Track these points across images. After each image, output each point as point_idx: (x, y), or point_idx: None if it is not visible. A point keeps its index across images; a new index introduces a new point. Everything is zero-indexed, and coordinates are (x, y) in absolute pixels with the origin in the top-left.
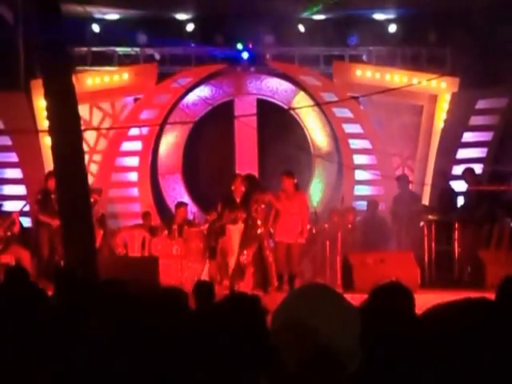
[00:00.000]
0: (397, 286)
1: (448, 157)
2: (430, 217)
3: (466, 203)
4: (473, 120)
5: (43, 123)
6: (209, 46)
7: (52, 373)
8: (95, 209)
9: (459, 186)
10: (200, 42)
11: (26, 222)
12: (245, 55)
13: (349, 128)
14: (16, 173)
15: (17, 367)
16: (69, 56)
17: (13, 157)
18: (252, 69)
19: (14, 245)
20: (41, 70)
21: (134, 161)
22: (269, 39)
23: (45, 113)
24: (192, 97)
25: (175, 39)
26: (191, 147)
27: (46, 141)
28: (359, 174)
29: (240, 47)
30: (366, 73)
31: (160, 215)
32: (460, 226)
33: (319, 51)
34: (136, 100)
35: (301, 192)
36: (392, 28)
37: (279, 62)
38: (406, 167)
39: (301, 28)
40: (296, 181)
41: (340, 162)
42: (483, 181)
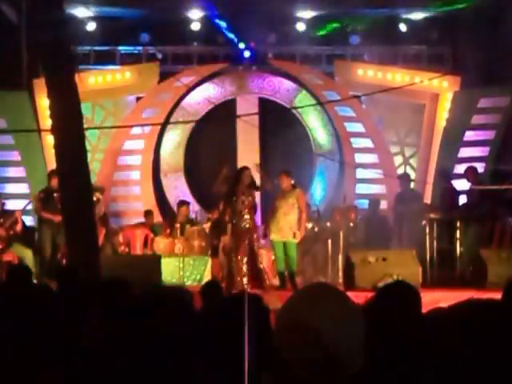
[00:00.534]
0: (404, 285)
1: (450, 155)
2: (432, 215)
3: (468, 202)
4: (475, 119)
5: (46, 122)
6: (211, 45)
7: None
8: (97, 207)
9: (461, 185)
10: (202, 41)
11: (29, 221)
12: (247, 54)
13: (350, 127)
14: (19, 171)
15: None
16: (71, 55)
17: (15, 155)
18: (254, 68)
19: (17, 243)
20: (43, 69)
21: (137, 159)
22: (271, 38)
23: (47, 112)
24: (194, 96)
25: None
26: (193, 146)
27: (49, 139)
28: (361, 173)
29: (242, 46)
30: (368, 72)
31: (162, 214)
32: (462, 225)
33: (321, 50)
34: (138, 99)
35: (298, 190)
36: (394, 27)
37: (281, 61)
38: (408, 166)
39: (302, 26)
40: (293, 180)
41: (342, 161)
42: (485, 179)
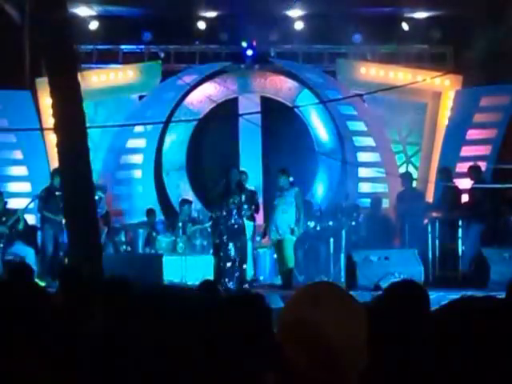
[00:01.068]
0: (412, 285)
1: (452, 154)
2: (434, 214)
3: (470, 201)
4: (477, 117)
5: (48, 121)
6: (213, 44)
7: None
8: (100, 206)
9: (463, 184)
10: (205, 40)
11: (31, 220)
12: (249, 53)
13: (353, 125)
14: (21, 170)
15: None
16: (74, 54)
17: (18, 154)
18: (256, 67)
19: (19, 242)
20: (46, 68)
21: (139, 158)
22: (273, 37)
23: (50, 110)
24: (196, 94)
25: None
26: (195, 145)
27: (51, 138)
28: (363, 171)
29: (244, 45)
30: (370, 70)
31: (164, 212)
32: (464, 224)
33: (323, 49)
34: (141, 97)
35: (296, 188)
36: (397, 26)
37: (283, 60)
38: (410, 164)
39: (304, 25)
40: (291, 177)
41: (344, 160)
42: (487, 178)
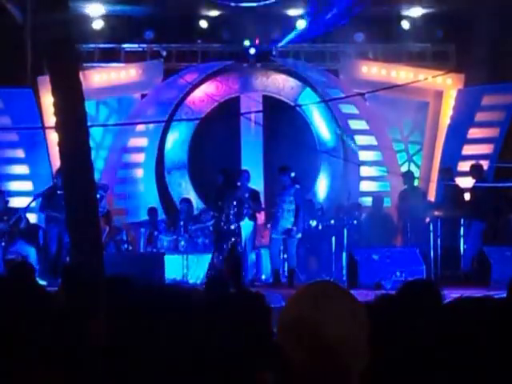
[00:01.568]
0: (426, 284)
1: (454, 153)
2: (436, 213)
3: (472, 199)
4: (479, 116)
5: (50, 119)
6: (215, 43)
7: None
8: (101, 205)
9: (465, 182)
10: (207, 39)
11: (33, 218)
12: (252, 51)
13: (354, 124)
14: (23, 169)
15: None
16: (76, 53)
17: (20, 153)
18: (258, 65)
19: (20, 241)
20: (48, 67)
21: (141, 157)
22: (275, 35)
23: (52, 109)
24: (198, 93)
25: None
26: (197, 143)
27: (53, 137)
28: (365, 170)
29: (247, 44)
30: (372, 69)
31: (166, 211)
32: (466, 222)
33: (325, 48)
34: (143, 96)
35: (297, 186)
36: (399, 25)
37: (285, 59)
38: (412, 163)
39: (304, 24)
40: (293, 173)
41: (346, 158)
42: (489, 177)
